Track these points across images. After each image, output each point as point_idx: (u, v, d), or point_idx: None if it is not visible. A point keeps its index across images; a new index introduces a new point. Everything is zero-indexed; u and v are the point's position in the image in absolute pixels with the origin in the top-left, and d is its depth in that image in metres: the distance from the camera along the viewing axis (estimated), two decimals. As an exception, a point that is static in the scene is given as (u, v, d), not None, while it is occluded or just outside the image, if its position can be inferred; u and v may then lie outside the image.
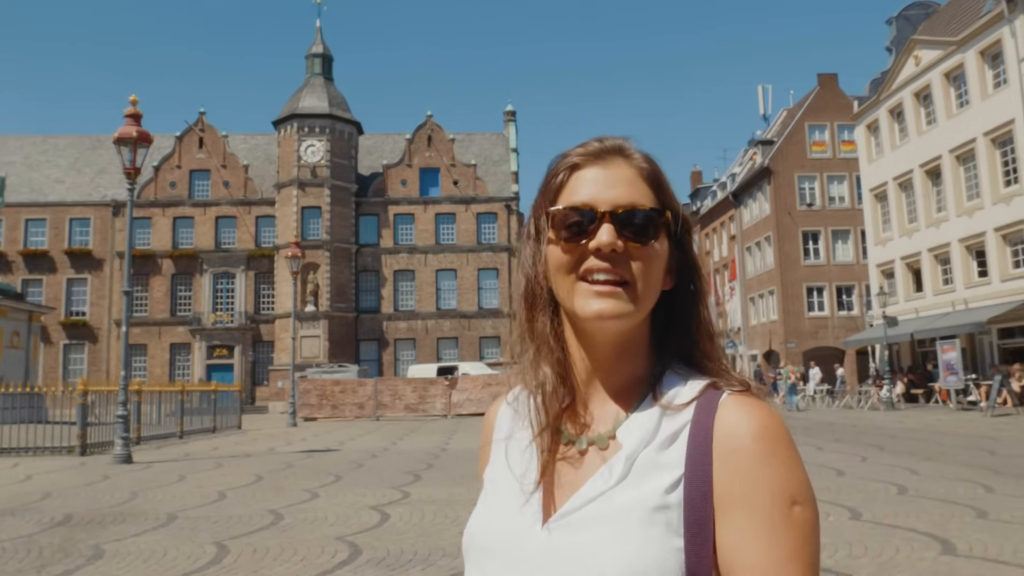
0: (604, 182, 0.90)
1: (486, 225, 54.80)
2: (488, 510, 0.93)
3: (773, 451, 0.82)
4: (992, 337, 30.27)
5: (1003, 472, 10.66)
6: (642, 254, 0.88)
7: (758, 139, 52.80)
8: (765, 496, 0.79)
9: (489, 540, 0.90)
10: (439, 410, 36.32)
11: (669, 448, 0.85)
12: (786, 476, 0.81)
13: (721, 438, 0.83)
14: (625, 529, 0.81)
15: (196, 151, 54.64)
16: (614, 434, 0.90)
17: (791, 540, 0.78)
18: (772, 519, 0.78)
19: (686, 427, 0.86)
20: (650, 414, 0.88)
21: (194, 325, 51.95)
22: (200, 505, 9.40)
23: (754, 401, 0.87)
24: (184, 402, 23.28)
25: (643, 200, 0.89)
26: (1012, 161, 29.02)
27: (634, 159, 0.93)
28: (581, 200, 0.89)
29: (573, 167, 0.93)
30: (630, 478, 0.84)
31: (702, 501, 0.82)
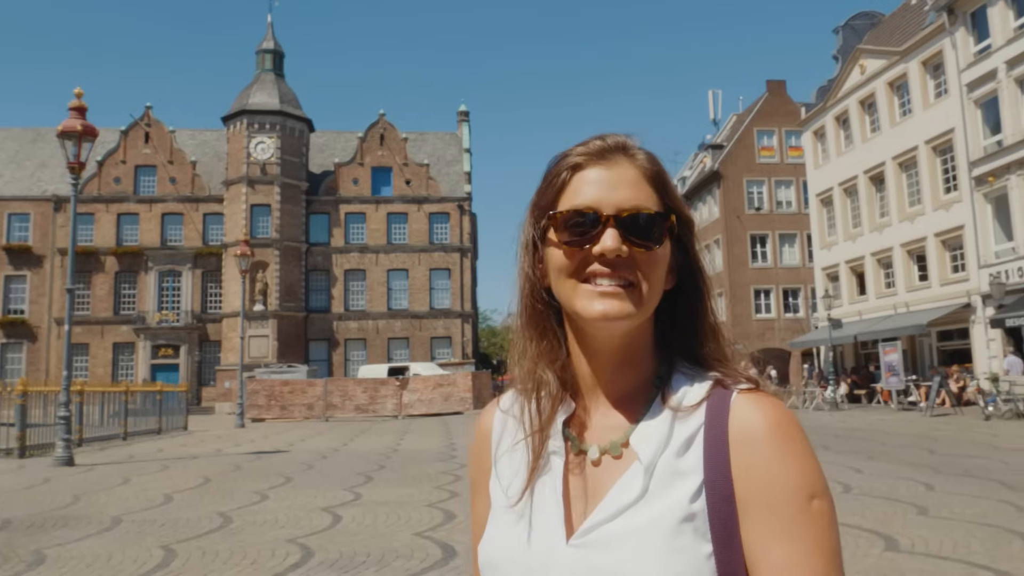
0: (608, 183, 0.88)
1: (438, 225, 54.61)
2: (507, 527, 0.90)
3: (788, 447, 0.82)
4: (932, 339, 31.18)
5: (942, 470, 10.97)
6: (646, 258, 0.87)
7: (708, 143, 53.58)
8: (784, 493, 0.79)
9: (513, 558, 0.87)
10: (390, 411, 36.10)
11: (686, 453, 0.85)
12: (802, 471, 0.81)
13: (736, 437, 0.83)
14: (654, 543, 0.80)
15: (142, 146, 53.44)
16: (626, 441, 0.88)
17: (812, 533, 0.78)
18: (792, 515, 0.79)
19: (700, 430, 0.85)
20: (661, 419, 0.87)
21: (138, 324, 50.77)
22: (146, 508, 9.19)
23: (765, 397, 0.86)
24: (128, 403, 22.74)
25: (647, 202, 0.88)
26: (952, 169, 29.91)
27: (637, 158, 0.91)
28: (585, 202, 0.87)
29: (575, 167, 0.90)
30: (652, 489, 0.83)
31: (725, 504, 0.81)
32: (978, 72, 27.86)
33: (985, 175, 27.45)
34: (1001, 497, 8.51)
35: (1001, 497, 8.51)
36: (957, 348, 29.69)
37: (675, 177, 62.66)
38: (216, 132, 56.49)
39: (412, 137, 57.05)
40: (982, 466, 11.34)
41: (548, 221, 0.90)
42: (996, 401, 22.27)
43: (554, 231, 0.89)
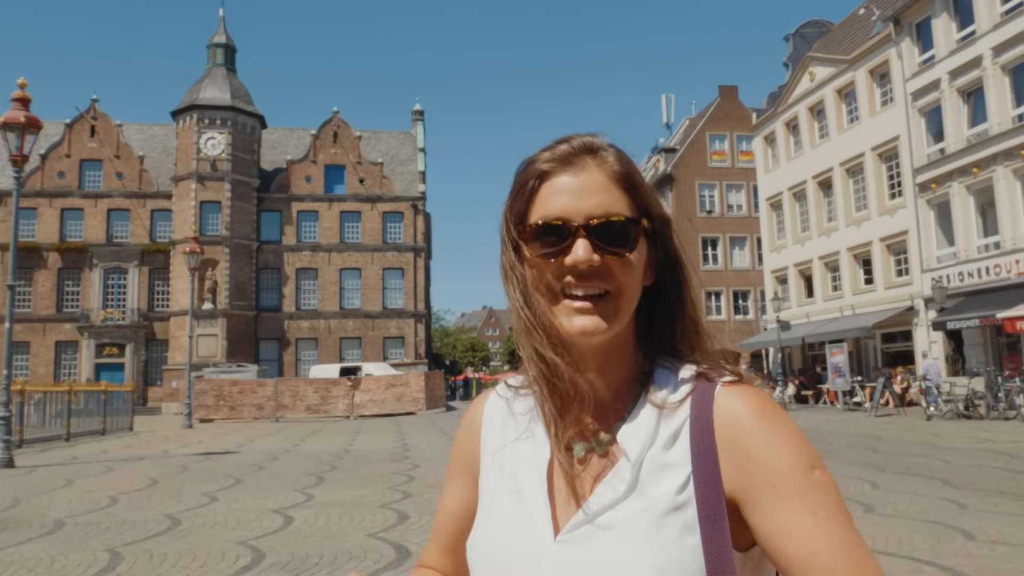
0: (576, 191, 0.86)
1: (392, 224, 54.27)
2: (496, 523, 0.90)
3: (778, 430, 0.83)
4: (876, 341, 31.93)
5: (887, 469, 11.24)
6: (619, 264, 0.86)
7: (661, 146, 54.13)
8: (788, 472, 0.80)
9: (501, 554, 0.87)
10: (342, 411, 35.78)
11: (672, 447, 0.85)
12: (797, 447, 0.82)
13: (723, 429, 0.83)
14: (642, 536, 0.81)
15: (87, 140, 52.12)
16: (612, 439, 0.88)
17: (825, 500, 0.79)
18: (802, 489, 0.79)
19: (685, 423, 0.86)
20: (647, 415, 0.87)
21: (82, 322, 49.47)
22: (90, 511, 8.97)
23: (747, 388, 0.87)
24: (71, 403, 22.16)
25: (618, 207, 0.87)
26: (897, 175, 30.68)
27: (606, 160, 0.89)
28: (554, 213, 0.86)
29: (543, 175, 0.88)
30: (639, 484, 0.83)
31: (713, 495, 0.82)
32: (922, 82, 28.63)
33: (928, 182, 28.22)
34: (943, 495, 8.75)
35: (943, 495, 8.75)
36: (900, 350, 30.46)
37: (629, 179, 63.20)
38: (165, 127, 55.37)
39: (366, 135, 56.63)
40: (924, 465, 11.64)
41: (519, 235, 0.89)
42: (937, 401, 22.91)
43: (527, 245, 0.88)
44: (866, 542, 0.79)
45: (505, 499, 0.90)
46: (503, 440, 0.96)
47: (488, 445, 0.98)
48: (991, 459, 12.16)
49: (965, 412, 22.01)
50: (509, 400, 0.99)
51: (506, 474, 0.92)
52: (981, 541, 6.35)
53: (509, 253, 0.91)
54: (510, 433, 0.96)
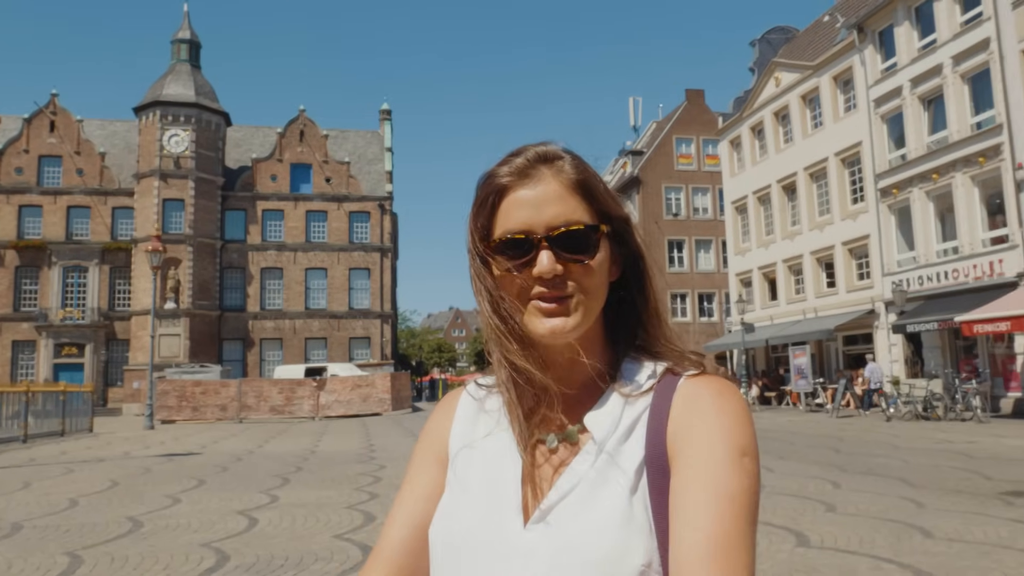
0: (535, 203, 0.90)
1: (359, 224, 53.93)
2: (465, 510, 0.92)
3: (727, 409, 0.86)
4: (838, 344, 32.41)
5: (848, 469, 11.42)
6: (583, 270, 0.89)
7: (628, 149, 54.46)
8: (716, 445, 0.83)
9: (469, 541, 0.89)
10: (307, 412, 35.49)
11: (632, 433, 0.88)
12: (739, 431, 0.84)
13: (677, 409, 0.87)
14: (603, 519, 0.83)
15: (47, 135, 51.09)
16: (582, 429, 0.91)
17: (736, 482, 0.81)
18: (723, 464, 0.82)
19: (646, 411, 0.89)
20: (612, 405, 0.91)
21: (40, 321, 48.45)
22: (49, 513, 8.80)
23: (712, 376, 0.91)
24: (29, 404, 21.71)
25: (576, 215, 0.90)
26: (859, 181, 31.18)
27: (562, 170, 0.92)
28: (516, 227, 0.90)
29: (502, 190, 0.92)
30: (598, 467, 0.87)
31: (661, 474, 0.85)
32: (885, 88, 29.13)
33: (889, 187, 28.72)
34: (902, 494, 8.91)
35: (902, 494, 8.91)
36: (862, 352, 30.94)
37: (596, 182, 63.45)
38: (127, 123, 54.49)
39: (333, 134, 56.22)
40: (884, 465, 11.85)
41: (485, 249, 0.92)
42: (897, 403, 23.33)
43: (492, 258, 0.92)
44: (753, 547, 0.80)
45: (475, 490, 0.92)
46: (474, 434, 0.98)
47: (458, 438, 1.00)
48: (948, 459, 12.41)
49: (924, 413, 22.43)
50: (481, 399, 1.02)
51: (477, 466, 0.94)
52: (939, 539, 6.48)
53: (477, 264, 0.94)
54: (481, 428, 0.98)
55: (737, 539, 0.78)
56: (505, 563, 0.86)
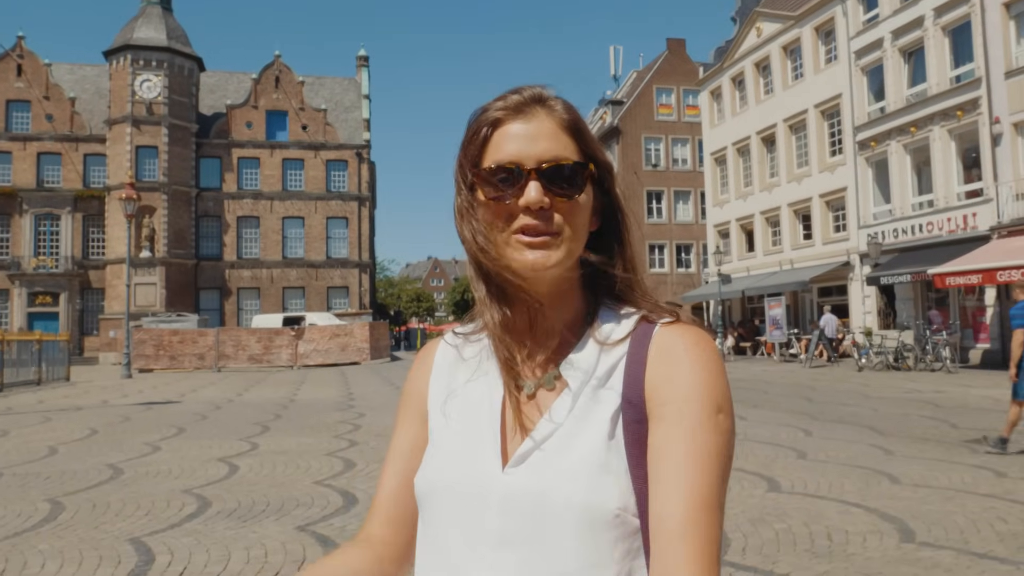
0: (527, 137, 0.91)
1: (336, 173, 53.36)
2: (446, 456, 0.95)
3: (702, 364, 0.88)
4: (813, 295, 32.79)
5: (819, 417, 11.67)
6: (568, 207, 0.91)
7: (608, 99, 54.04)
8: (694, 401, 0.85)
9: (451, 486, 0.92)
10: (285, 361, 35.54)
11: (609, 380, 0.91)
12: (714, 385, 0.87)
13: (653, 357, 0.90)
14: (579, 462, 0.86)
15: (14, 79, 49.76)
16: (559, 375, 0.93)
17: (713, 440, 0.84)
18: (699, 420, 0.85)
19: (623, 359, 0.91)
20: (589, 351, 0.93)
21: (13, 270, 47.79)
22: (28, 461, 8.83)
23: (687, 326, 0.93)
24: (4, 353, 21.57)
25: (566, 153, 0.92)
26: (838, 133, 31.22)
27: (555, 109, 0.94)
28: (507, 158, 0.91)
29: (495, 123, 0.93)
30: (575, 413, 0.89)
31: (638, 423, 0.88)
32: (866, 40, 29.01)
33: (868, 140, 28.80)
34: (871, 442, 9.14)
35: (871, 442, 9.14)
36: (836, 303, 31.34)
37: (576, 132, 63.04)
38: (97, 68, 53.16)
39: (309, 81, 55.25)
40: (855, 413, 12.12)
41: (473, 178, 0.93)
42: (868, 354, 23.74)
43: (480, 188, 0.93)
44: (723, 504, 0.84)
45: (456, 436, 0.95)
46: (453, 383, 1.00)
47: (437, 388, 1.02)
48: (917, 408, 12.70)
49: (895, 364, 22.87)
50: (458, 347, 1.04)
51: (457, 413, 0.97)
52: (905, 484, 6.68)
53: (464, 195, 0.95)
54: (461, 376, 1.00)
55: (712, 499, 0.82)
56: (483, 506, 0.89)
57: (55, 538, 5.37)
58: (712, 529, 0.81)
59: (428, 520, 0.95)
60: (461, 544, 0.90)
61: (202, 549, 5.05)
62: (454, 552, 0.90)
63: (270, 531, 5.48)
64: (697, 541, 0.80)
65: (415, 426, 1.04)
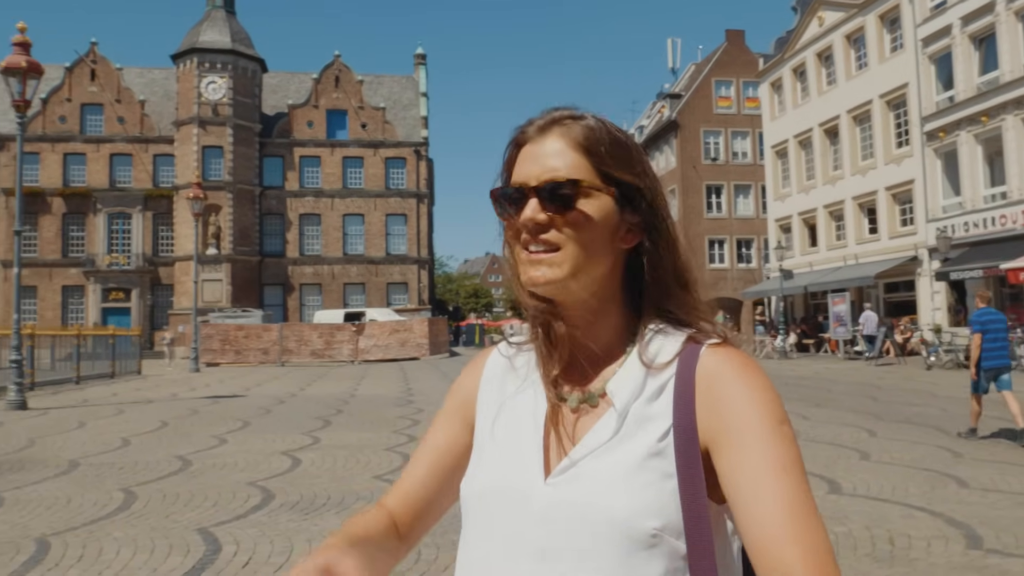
0: (535, 158, 0.96)
1: (395, 170, 53.97)
2: (491, 464, 0.99)
3: (755, 384, 0.90)
4: (879, 291, 32.00)
5: (884, 417, 11.41)
6: (568, 221, 0.93)
7: (666, 92, 53.47)
8: (756, 421, 0.87)
9: (494, 493, 0.96)
10: (346, 356, 36.12)
11: (656, 400, 0.93)
12: (770, 402, 0.89)
13: (702, 382, 0.91)
14: (623, 478, 0.88)
15: (88, 84, 51.57)
16: (603, 392, 0.96)
17: (786, 450, 0.86)
18: (767, 436, 0.86)
19: (671, 380, 0.93)
20: (636, 371, 0.95)
21: (88, 267, 49.64)
22: (103, 452, 9.17)
23: (731, 348, 0.95)
24: (80, 347, 22.41)
25: (568, 170, 0.94)
26: (904, 124, 30.38)
27: (570, 129, 0.96)
28: (517, 178, 0.97)
29: (518, 144, 0.99)
30: (623, 432, 0.92)
31: (689, 444, 0.89)
32: (933, 27, 28.15)
33: (936, 130, 27.96)
34: (938, 443, 8.91)
35: (938, 443, 8.91)
36: (903, 300, 30.54)
37: (633, 126, 62.57)
38: (165, 71, 54.70)
39: (368, 80, 55.95)
40: (921, 413, 11.81)
41: (491, 197, 0.99)
42: (938, 351, 23.06)
43: (497, 207, 0.99)
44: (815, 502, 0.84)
45: (501, 445, 0.99)
46: (503, 393, 1.04)
47: (487, 397, 1.06)
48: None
49: (965, 363, 22.15)
50: (511, 357, 1.08)
51: (503, 423, 1.01)
52: (974, 488, 6.50)
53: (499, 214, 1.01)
54: (510, 386, 1.04)
55: (808, 504, 0.83)
56: (524, 515, 0.92)
57: (128, 526, 5.58)
58: (820, 532, 0.81)
59: (470, 526, 0.99)
60: (501, 553, 0.93)
61: (266, 540, 5.20)
62: (494, 561, 0.93)
63: (331, 524, 5.61)
64: (808, 541, 0.80)
65: (455, 427, 1.09)
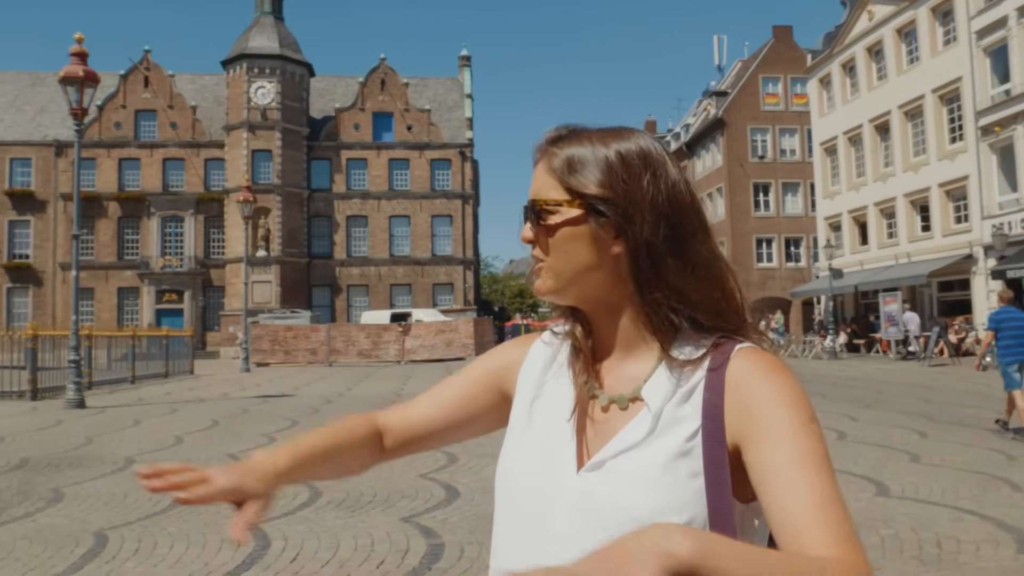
0: (533, 178, 1.05)
1: (440, 172, 54.37)
2: (526, 451, 1.05)
3: (781, 383, 0.94)
4: (932, 290, 31.30)
5: (937, 419, 11.19)
6: (543, 239, 1.02)
7: (712, 90, 52.99)
8: (784, 419, 0.91)
9: (528, 478, 1.02)
10: (393, 356, 36.45)
11: (686, 402, 0.97)
12: (799, 402, 0.93)
13: (732, 386, 0.96)
14: (652, 475, 0.93)
15: (141, 90, 52.94)
16: (633, 396, 1.01)
17: (815, 445, 0.89)
18: (796, 433, 0.90)
19: (700, 383, 0.98)
20: (667, 375, 0.99)
21: (142, 269, 50.96)
22: (157, 449, 9.43)
23: (759, 351, 0.99)
24: (135, 347, 23.01)
25: (546, 191, 1.02)
26: (958, 119, 29.67)
27: (549, 152, 1.04)
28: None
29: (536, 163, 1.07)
30: (656, 433, 0.96)
31: (717, 445, 0.94)
32: (988, 19, 27.45)
33: (991, 125, 27.25)
34: (991, 445, 8.72)
35: (991, 445, 8.72)
36: (958, 299, 29.84)
37: (678, 125, 62.09)
38: (216, 76, 55.87)
39: (413, 82, 56.44)
40: (975, 415, 11.55)
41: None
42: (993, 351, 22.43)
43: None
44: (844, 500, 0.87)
45: (537, 433, 1.05)
46: (542, 380, 1.10)
47: (527, 381, 1.12)
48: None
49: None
50: (554, 348, 1.13)
51: (539, 410, 1.07)
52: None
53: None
54: (549, 376, 1.10)
55: (835, 494, 0.86)
56: (554, 506, 0.97)
57: (182, 522, 5.75)
58: (847, 520, 0.84)
59: (503, 510, 1.04)
60: (532, 539, 0.98)
61: (313, 537, 5.32)
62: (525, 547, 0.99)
63: (376, 521, 5.71)
64: (833, 522, 0.83)
65: (486, 386, 1.17)
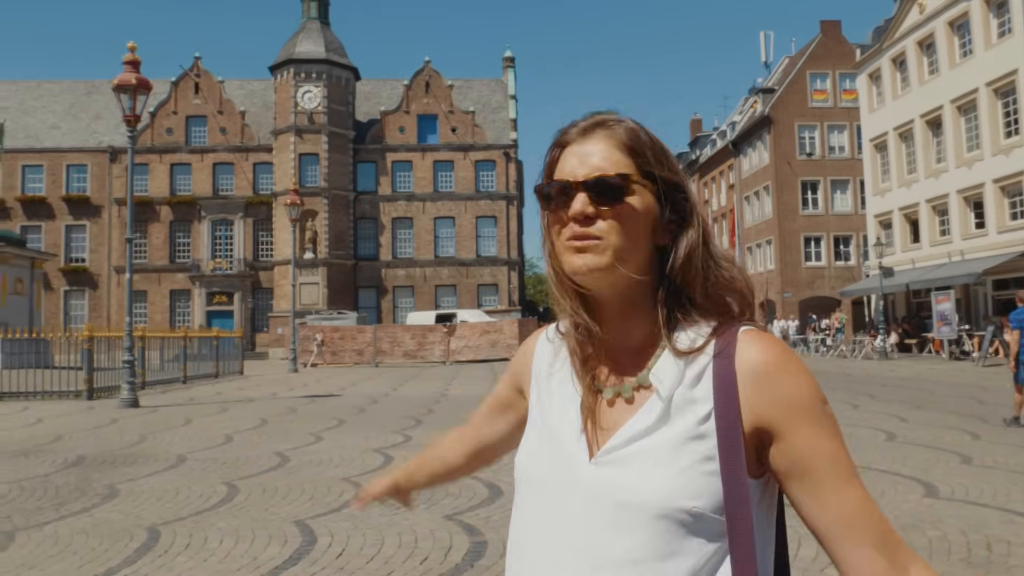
0: (581, 156, 1.03)
1: (484, 173, 54.58)
2: (539, 444, 1.09)
3: (796, 371, 0.99)
4: (987, 288, 30.51)
5: (990, 420, 10.93)
6: (613, 214, 1.00)
7: (759, 87, 52.30)
8: (804, 405, 0.97)
9: (541, 471, 1.06)
10: (438, 357, 36.69)
11: (697, 386, 1.00)
12: (810, 385, 0.98)
13: (744, 372, 0.99)
14: (665, 459, 0.96)
15: (192, 97, 54.11)
16: (639, 385, 1.03)
17: (832, 427, 0.98)
18: (816, 417, 0.97)
19: (709, 366, 1.00)
20: (673, 361, 1.02)
21: (193, 272, 52.09)
22: (208, 447, 9.65)
23: (765, 334, 1.03)
24: (187, 348, 23.53)
25: (613, 167, 1.01)
26: (1013, 112, 28.89)
27: (614, 131, 1.04)
28: (563, 175, 1.04)
29: (563, 144, 1.07)
30: (668, 418, 0.99)
31: (731, 428, 0.97)
32: (1045, 10, 26.70)
33: (1049, 118, 26.49)
34: (1047, 446, 8.49)
35: (1047, 446, 8.49)
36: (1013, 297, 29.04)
37: (724, 122, 61.45)
38: (264, 82, 56.85)
39: (457, 84, 56.74)
40: (1031, 416, 11.23)
41: (536, 193, 1.08)
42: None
43: (542, 201, 1.06)
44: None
45: (551, 426, 1.08)
46: (550, 376, 1.13)
47: (536, 378, 1.17)
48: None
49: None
50: (557, 343, 1.16)
51: (552, 405, 1.10)
52: (1082, 493, 6.20)
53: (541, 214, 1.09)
54: (556, 371, 1.13)
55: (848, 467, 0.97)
56: (569, 493, 1.01)
57: (231, 517, 5.90)
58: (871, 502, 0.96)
59: (522, 499, 1.09)
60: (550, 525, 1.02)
61: (359, 533, 5.41)
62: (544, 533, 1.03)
63: (420, 519, 5.79)
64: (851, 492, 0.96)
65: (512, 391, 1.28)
